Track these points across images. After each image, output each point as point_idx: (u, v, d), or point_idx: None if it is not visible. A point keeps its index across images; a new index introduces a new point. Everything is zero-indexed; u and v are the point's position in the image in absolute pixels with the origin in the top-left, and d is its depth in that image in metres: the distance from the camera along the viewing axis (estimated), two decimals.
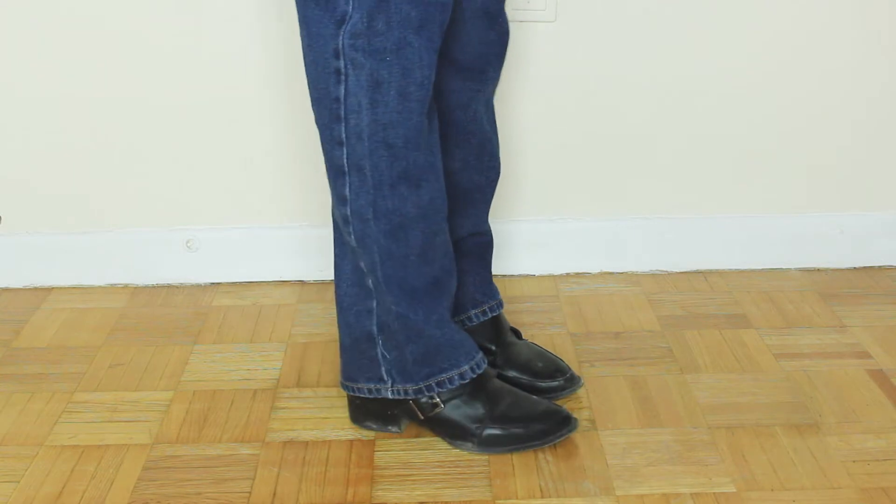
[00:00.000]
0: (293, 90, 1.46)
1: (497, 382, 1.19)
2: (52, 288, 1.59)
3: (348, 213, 1.08)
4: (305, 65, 1.05)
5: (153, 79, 1.47)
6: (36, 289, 1.59)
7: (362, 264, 1.11)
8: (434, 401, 1.16)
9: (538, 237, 1.59)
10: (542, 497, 1.09)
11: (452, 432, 1.17)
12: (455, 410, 1.16)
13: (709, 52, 1.49)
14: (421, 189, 1.07)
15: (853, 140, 1.56)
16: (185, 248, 1.58)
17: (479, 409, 1.16)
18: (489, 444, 1.16)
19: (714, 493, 1.09)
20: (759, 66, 1.50)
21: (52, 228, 1.57)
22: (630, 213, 1.59)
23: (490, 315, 1.29)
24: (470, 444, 1.16)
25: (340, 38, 0.99)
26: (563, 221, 1.58)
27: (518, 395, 1.19)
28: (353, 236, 1.09)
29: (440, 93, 1.13)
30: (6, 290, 1.59)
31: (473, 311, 1.29)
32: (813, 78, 1.51)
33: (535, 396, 1.19)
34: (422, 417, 1.17)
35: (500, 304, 1.32)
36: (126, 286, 1.59)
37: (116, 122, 1.50)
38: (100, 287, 1.59)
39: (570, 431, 1.17)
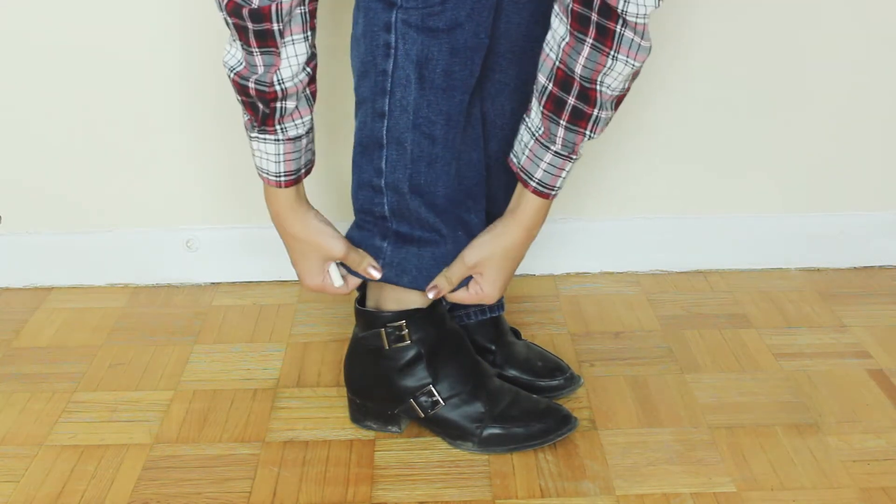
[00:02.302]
0: None
1: (497, 381, 1.19)
2: (52, 288, 1.59)
3: (382, 184, 1.09)
4: (353, 38, 1.07)
5: (153, 78, 1.47)
6: (36, 289, 1.59)
7: (392, 226, 1.12)
8: (434, 398, 1.16)
9: (538, 237, 1.58)
10: (542, 497, 1.09)
11: (452, 432, 1.17)
12: (454, 410, 1.16)
13: (709, 51, 1.49)
14: (452, 168, 1.08)
15: (853, 140, 1.56)
16: (185, 248, 1.58)
17: (478, 409, 1.16)
18: (490, 444, 1.16)
19: (714, 493, 1.09)
20: (759, 66, 1.50)
21: (52, 228, 1.57)
22: (630, 213, 1.59)
23: (490, 315, 1.29)
24: (470, 444, 1.16)
25: (394, 12, 1.00)
26: (563, 221, 1.58)
27: (518, 394, 1.19)
28: (385, 206, 1.10)
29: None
30: (6, 290, 1.59)
31: (473, 309, 1.29)
32: (813, 78, 1.51)
33: (534, 395, 1.19)
34: (422, 416, 1.17)
35: (502, 307, 1.31)
36: (126, 286, 1.59)
37: (116, 122, 1.50)
38: (100, 287, 1.59)
39: (570, 430, 1.17)
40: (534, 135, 1.07)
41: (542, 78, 1.04)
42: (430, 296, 1.13)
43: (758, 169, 1.57)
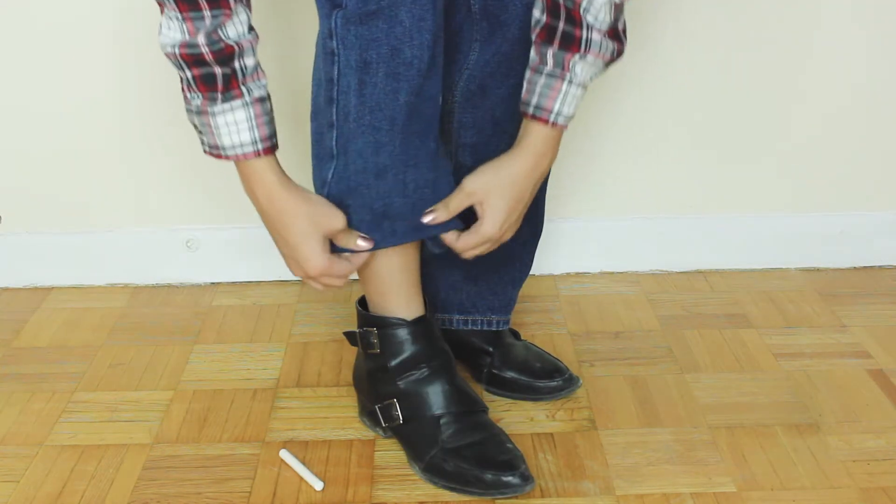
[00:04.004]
0: (292, 90, 1.46)
1: (479, 417, 1.14)
2: (52, 288, 1.59)
3: (325, 195, 1.07)
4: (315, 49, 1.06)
5: (152, 78, 1.47)
6: (36, 289, 1.59)
7: None
8: (395, 413, 1.13)
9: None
10: (542, 497, 1.09)
11: (408, 450, 1.15)
12: (414, 431, 1.13)
13: (709, 50, 1.49)
14: (407, 177, 1.05)
15: (854, 140, 1.56)
16: (185, 248, 1.58)
17: (436, 436, 1.11)
18: (432, 474, 1.11)
19: (714, 493, 1.09)
20: (759, 65, 1.50)
21: (52, 228, 1.57)
22: (630, 213, 1.59)
23: (496, 328, 1.29)
24: (417, 468, 1.13)
25: (333, 17, 0.99)
26: (563, 221, 1.58)
27: (492, 438, 1.12)
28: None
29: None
30: (6, 290, 1.59)
31: (479, 318, 1.29)
32: (813, 78, 1.52)
33: (512, 445, 1.11)
34: (384, 425, 1.16)
35: (507, 322, 1.31)
36: (126, 286, 1.59)
37: (115, 122, 1.50)
38: (100, 287, 1.59)
39: (518, 492, 1.08)
40: (530, 67, 1.06)
41: (536, 13, 1.04)
42: (426, 220, 1.07)
43: (758, 169, 1.57)
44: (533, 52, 1.06)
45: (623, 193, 1.58)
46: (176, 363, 1.37)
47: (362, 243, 1.07)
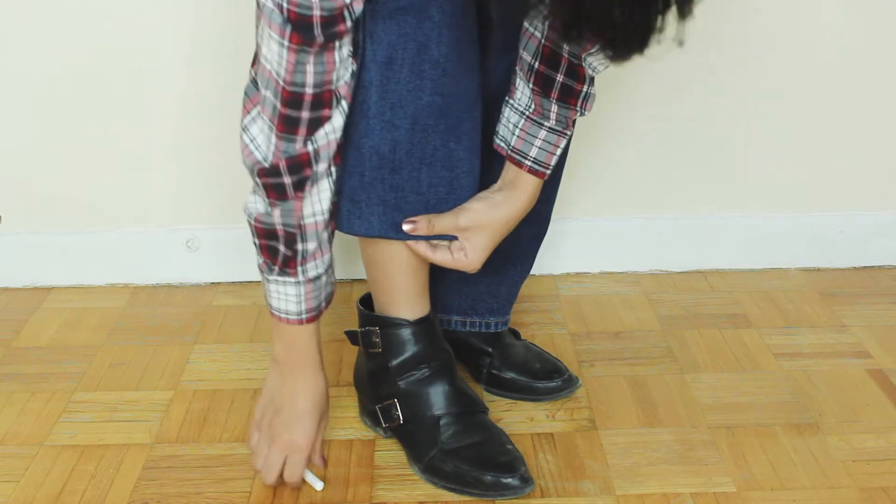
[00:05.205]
0: None
1: (478, 418, 1.14)
2: (52, 288, 1.59)
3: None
4: None
5: (153, 78, 1.47)
6: (36, 289, 1.59)
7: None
8: (396, 413, 1.13)
9: None
10: (542, 497, 1.09)
11: (407, 451, 1.15)
12: (414, 431, 1.13)
13: (709, 51, 1.49)
14: (421, 174, 1.03)
15: (853, 140, 1.56)
16: (185, 248, 1.58)
17: (435, 437, 1.11)
18: (432, 475, 1.11)
19: (714, 493, 1.09)
20: (758, 65, 1.50)
21: (52, 228, 1.57)
22: (630, 213, 1.59)
23: (494, 329, 1.29)
24: (416, 468, 1.13)
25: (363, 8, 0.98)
26: (563, 221, 1.58)
27: (493, 438, 1.12)
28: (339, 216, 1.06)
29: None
30: (6, 290, 1.59)
31: (476, 320, 1.28)
32: (813, 77, 1.52)
33: (511, 447, 1.11)
34: (384, 425, 1.15)
35: (506, 323, 1.30)
36: (126, 286, 1.59)
37: (116, 122, 1.50)
38: (100, 287, 1.59)
39: (518, 494, 1.08)
40: (523, 113, 1.05)
41: (526, 56, 1.02)
42: (406, 228, 1.04)
43: (758, 169, 1.57)
44: (527, 99, 1.04)
45: (623, 193, 1.58)
46: (176, 363, 1.37)
47: (311, 479, 1.11)
